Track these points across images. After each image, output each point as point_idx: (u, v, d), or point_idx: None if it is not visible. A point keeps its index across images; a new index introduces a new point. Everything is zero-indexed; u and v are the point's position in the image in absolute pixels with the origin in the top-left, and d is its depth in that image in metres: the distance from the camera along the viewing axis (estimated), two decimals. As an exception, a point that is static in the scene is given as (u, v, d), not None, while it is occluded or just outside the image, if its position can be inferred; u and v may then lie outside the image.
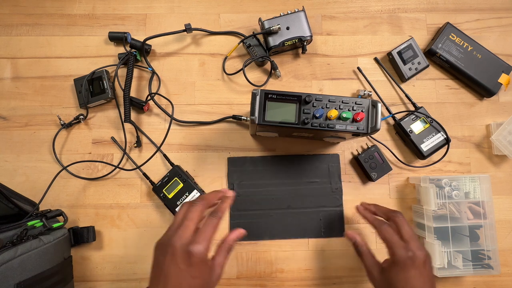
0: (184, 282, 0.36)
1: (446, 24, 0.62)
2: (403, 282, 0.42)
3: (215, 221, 0.39)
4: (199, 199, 0.41)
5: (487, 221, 0.55)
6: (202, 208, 0.41)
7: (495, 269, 0.54)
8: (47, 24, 0.63)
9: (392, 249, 0.44)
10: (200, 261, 0.37)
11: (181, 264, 0.36)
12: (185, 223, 0.38)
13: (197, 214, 0.40)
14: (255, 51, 0.61)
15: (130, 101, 0.58)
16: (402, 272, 0.42)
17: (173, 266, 0.36)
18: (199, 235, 0.38)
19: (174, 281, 0.36)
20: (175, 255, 0.36)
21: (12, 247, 0.42)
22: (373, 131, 0.45)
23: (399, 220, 0.46)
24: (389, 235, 0.45)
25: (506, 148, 0.58)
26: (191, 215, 0.39)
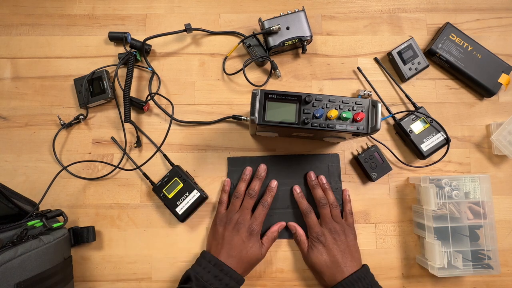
0: (244, 249, 0.53)
1: (446, 24, 0.62)
2: (316, 259, 0.54)
3: (266, 209, 0.56)
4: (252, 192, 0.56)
5: (487, 221, 0.55)
6: (255, 199, 0.56)
7: (495, 269, 0.54)
8: (47, 24, 0.63)
9: (309, 233, 0.56)
10: (256, 237, 0.54)
11: (244, 238, 0.53)
12: (245, 211, 0.55)
13: (252, 204, 0.56)
14: (255, 51, 0.61)
15: (130, 101, 0.58)
16: (313, 251, 0.54)
17: (237, 238, 0.53)
18: (255, 219, 0.55)
19: (237, 248, 0.53)
20: (240, 231, 0.53)
21: (12, 247, 0.42)
22: (373, 131, 0.45)
23: (320, 208, 0.56)
24: (308, 221, 0.56)
25: (506, 148, 0.58)
26: (249, 205, 0.56)
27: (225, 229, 0.54)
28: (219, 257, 0.52)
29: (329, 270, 0.52)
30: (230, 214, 0.55)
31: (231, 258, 0.52)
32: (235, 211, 0.55)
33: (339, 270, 0.52)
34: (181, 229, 0.59)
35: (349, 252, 0.54)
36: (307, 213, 0.56)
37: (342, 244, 0.54)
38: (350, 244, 0.55)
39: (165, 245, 0.58)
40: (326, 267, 0.53)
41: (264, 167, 0.59)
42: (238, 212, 0.55)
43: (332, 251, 0.53)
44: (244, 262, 0.52)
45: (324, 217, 0.55)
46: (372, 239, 0.59)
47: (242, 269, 0.52)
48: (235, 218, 0.54)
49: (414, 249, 0.59)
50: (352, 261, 0.53)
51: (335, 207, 0.56)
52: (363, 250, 0.58)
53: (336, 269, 0.52)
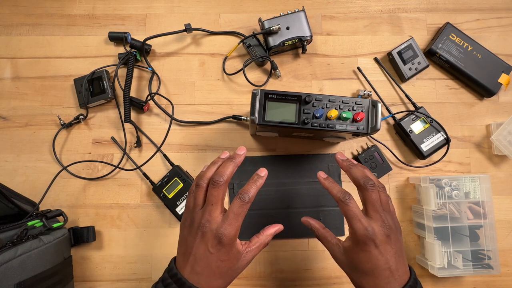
0: (213, 263, 0.38)
1: (446, 24, 0.62)
2: (365, 262, 0.39)
3: (244, 206, 0.38)
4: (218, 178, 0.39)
5: (487, 221, 0.55)
6: (224, 188, 0.39)
7: (495, 269, 0.54)
8: (47, 24, 0.63)
9: (350, 225, 0.40)
10: (229, 245, 0.38)
11: (211, 248, 0.37)
12: (210, 207, 0.38)
13: (221, 195, 0.39)
14: (255, 51, 0.61)
15: (130, 101, 0.58)
16: (363, 251, 0.39)
17: (202, 247, 0.38)
18: (229, 220, 0.38)
19: (203, 262, 0.38)
20: (205, 238, 0.38)
21: (12, 247, 0.42)
22: (373, 131, 0.45)
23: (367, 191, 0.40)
24: (349, 210, 0.40)
25: (506, 148, 0.58)
26: (216, 198, 0.39)
27: (189, 233, 0.39)
28: (183, 271, 0.38)
29: (377, 279, 0.39)
30: (194, 211, 0.40)
31: (197, 275, 0.38)
32: (198, 206, 0.40)
33: (390, 280, 0.38)
34: (181, 229, 0.59)
35: (402, 255, 0.40)
36: (345, 199, 0.40)
37: (395, 245, 0.39)
38: (402, 243, 0.41)
39: (165, 245, 0.58)
40: (373, 274, 0.39)
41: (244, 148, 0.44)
42: (202, 209, 0.39)
43: (384, 255, 0.38)
44: (217, 278, 0.39)
45: (373, 204, 0.40)
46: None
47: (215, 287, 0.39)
48: (198, 218, 0.39)
49: (414, 249, 0.59)
50: (404, 268, 0.40)
51: (383, 190, 0.42)
52: (363, 250, 0.58)
53: (386, 279, 0.38)
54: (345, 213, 0.40)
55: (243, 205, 0.38)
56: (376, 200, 0.40)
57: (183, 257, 0.39)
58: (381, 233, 0.39)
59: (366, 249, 0.38)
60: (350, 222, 0.40)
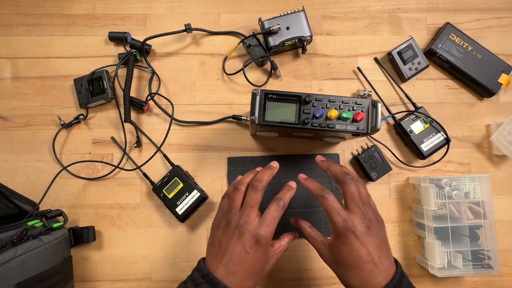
0: (248, 263, 0.38)
1: (446, 24, 0.62)
2: (347, 255, 0.39)
3: (279, 209, 0.41)
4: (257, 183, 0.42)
5: (487, 221, 0.55)
6: (261, 193, 0.42)
7: (495, 269, 0.54)
8: (47, 24, 0.63)
9: (332, 220, 0.41)
10: (266, 246, 0.39)
11: (248, 248, 0.38)
12: (249, 209, 0.40)
13: (258, 199, 0.41)
14: (255, 51, 0.61)
15: (130, 101, 0.58)
16: (344, 244, 0.39)
17: (239, 247, 0.39)
18: (265, 222, 0.39)
19: (239, 261, 0.38)
20: (243, 238, 0.39)
21: (12, 247, 0.42)
22: (373, 131, 0.45)
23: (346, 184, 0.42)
24: (328, 205, 0.41)
25: (506, 148, 0.58)
26: (254, 201, 0.41)
27: (224, 233, 0.41)
28: (216, 272, 0.38)
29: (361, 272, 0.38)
30: (230, 213, 0.41)
31: (231, 275, 0.38)
32: (236, 208, 0.41)
33: (375, 273, 0.38)
34: (181, 229, 0.59)
35: (385, 247, 0.40)
36: (324, 194, 0.41)
37: (377, 237, 0.40)
38: (384, 235, 0.41)
39: (165, 245, 0.58)
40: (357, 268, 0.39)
41: (277, 164, 0.47)
42: (240, 211, 0.41)
43: (366, 246, 0.39)
44: (249, 279, 0.39)
45: (351, 197, 0.41)
46: (372, 239, 0.59)
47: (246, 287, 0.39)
48: (235, 219, 0.40)
49: (414, 249, 0.59)
50: (389, 260, 0.40)
51: (362, 184, 0.42)
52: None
53: (370, 272, 0.38)
54: (325, 208, 0.41)
55: (279, 210, 0.41)
56: (355, 193, 0.41)
57: (216, 258, 0.40)
58: (361, 225, 0.39)
59: (347, 241, 0.39)
60: (330, 216, 0.41)
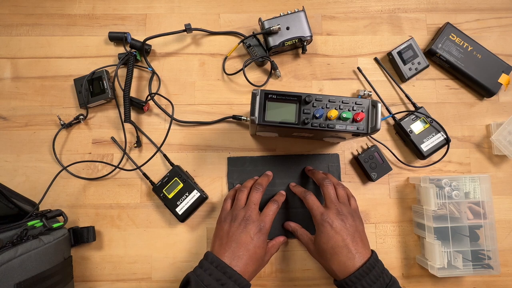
0: (252, 249, 0.47)
1: (446, 24, 0.62)
2: (325, 243, 0.47)
3: (275, 208, 0.51)
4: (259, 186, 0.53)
5: (487, 221, 0.55)
6: (262, 193, 0.52)
7: (495, 269, 0.54)
8: (47, 24, 0.63)
9: (313, 217, 0.50)
10: (266, 234, 0.49)
11: (252, 235, 0.47)
12: (253, 206, 0.50)
13: (260, 198, 0.52)
14: (255, 51, 0.61)
15: (130, 101, 0.58)
16: (322, 234, 0.47)
17: (245, 235, 0.47)
18: (265, 216, 0.50)
19: (244, 247, 0.46)
20: (248, 228, 0.48)
21: (12, 247, 0.42)
22: (373, 131, 0.45)
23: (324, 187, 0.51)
24: (309, 203, 0.50)
25: (506, 148, 0.58)
26: (256, 199, 0.51)
27: (231, 226, 0.49)
28: (223, 258, 0.46)
29: (339, 256, 0.46)
30: (236, 210, 0.50)
31: (237, 258, 0.46)
32: (241, 206, 0.51)
33: (350, 256, 0.45)
34: (181, 229, 0.59)
35: (359, 237, 0.48)
36: (305, 195, 0.51)
37: (351, 228, 0.48)
38: (359, 228, 0.49)
39: (165, 245, 0.58)
40: (335, 253, 0.46)
41: (271, 173, 0.58)
42: (245, 208, 0.50)
43: (340, 233, 0.47)
44: (252, 263, 0.47)
45: (328, 197, 0.50)
46: (372, 239, 0.59)
47: (249, 272, 0.46)
48: (241, 214, 0.49)
49: (414, 249, 0.59)
50: (363, 247, 0.47)
51: (341, 187, 0.52)
52: (363, 250, 0.58)
53: (346, 256, 0.46)
54: (307, 205, 0.51)
55: (275, 207, 0.52)
56: (331, 194, 0.50)
57: (222, 247, 0.47)
58: (336, 218, 0.48)
59: (323, 230, 0.47)
60: (311, 212, 0.50)
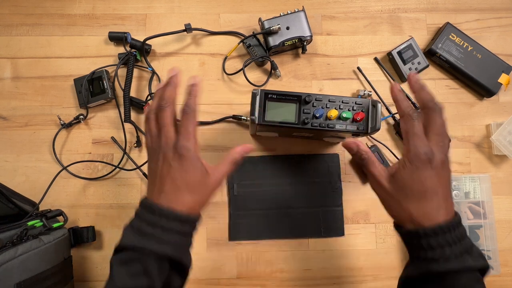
0: (178, 177, 0.37)
1: (446, 24, 0.62)
2: (417, 182, 0.37)
3: (192, 116, 0.38)
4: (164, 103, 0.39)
5: (487, 221, 0.55)
6: (172, 110, 0.39)
7: (495, 269, 0.54)
8: (47, 24, 0.63)
9: (409, 143, 0.38)
10: (191, 156, 0.37)
11: (172, 162, 0.37)
12: (165, 130, 0.38)
13: (170, 116, 0.39)
14: (255, 51, 0.61)
15: (130, 101, 0.58)
16: (417, 170, 0.37)
17: (165, 166, 0.37)
18: (182, 134, 0.38)
19: (168, 179, 0.37)
20: (166, 156, 0.37)
21: (12, 247, 0.42)
22: (373, 131, 0.45)
23: (434, 112, 0.39)
24: (412, 127, 0.38)
25: (506, 148, 0.58)
26: (167, 120, 0.39)
27: (151, 162, 0.39)
28: (152, 198, 0.37)
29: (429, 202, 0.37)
30: (151, 143, 0.40)
31: (164, 195, 0.37)
32: (155, 136, 0.39)
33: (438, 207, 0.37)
34: (181, 229, 0.58)
35: (450, 187, 0.39)
36: (414, 115, 0.39)
37: (448, 172, 0.39)
38: (450, 175, 0.39)
39: (165, 245, 0.58)
40: (425, 197, 0.37)
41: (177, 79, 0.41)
42: (158, 136, 0.39)
43: (440, 177, 0.37)
44: (187, 192, 0.37)
45: (438, 127, 0.39)
46: (372, 239, 0.59)
47: (186, 204, 0.37)
48: (156, 145, 0.39)
49: (414, 249, 0.59)
50: (452, 203, 0.38)
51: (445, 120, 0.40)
52: (363, 250, 0.58)
53: (437, 204, 0.37)
54: (408, 129, 0.39)
55: (190, 117, 0.38)
56: (442, 125, 0.39)
57: (151, 188, 0.39)
58: (439, 156, 0.37)
59: (422, 168, 0.37)
60: (411, 139, 0.38)
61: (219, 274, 0.58)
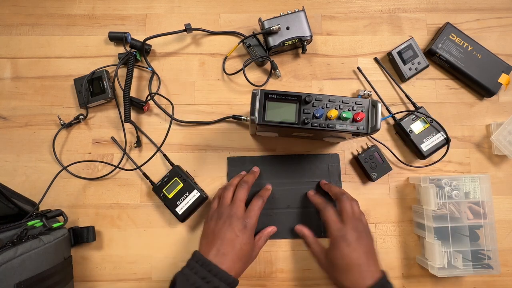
0: (237, 246, 0.46)
1: (446, 24, 0.62)
2: (340, 259, 0.47)
3: (261, 203, 0.51)
4: (244, 183, 0.52)
5: (487, 221, 0.55)
6: (248, 191, 0.52)
7: (495, 269, 0.54)
8: (47, 24, 0.63)
9: (328, 228, 0.50)
10: (251, 232, 0.48)
11: (238, 231, 0.47)
12: (238, 203, 0.49)
13: (245, 195, 0.51)
14: (255, 51, 0.61)
15: (130, 101, 0.58)
16: (337, 250, 0.47)
17: (230, 232, 0.47)
18: (250, 212, 0.49)
19: (229, 244, 0.46)
20: (233, 224, 0.47)
21: (12, 247, 0.42)
22: (373, 131, 0.45)
23: (342, 202, 0.51)
24: (327, 216, 0.50)
25: (506, 148, 0.58)
26: (242, 196, 0.51)
27: (216, 224, 0.48)
28: (209, 256, 0.45)
29: (352, 274, 0.46)
30: (222, 207, 0.50)
31: (222, 256, 0.45)
32: (227, 204, 0.50)
33: (363, 275, 0.45)
34: (181, 229, 0.59)
35: (372, 255, 0.48)
36: (325, 207, 0.51)
37: (366, 246, 0.48)
38: (372, 247, 0.49)
39: (165, 245, 0.58)
40: (348, 270, 0.46)
41: (258, 169, 0.58)
42: (230, 205, 0.50)
43: (356, 251, 0.46)
44: (239, 260, 0.46)
45: (346, 212, 0.50)
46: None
47: (236, 269, 0.46)
48: (226, 211, 0.49)
49: (414, 249, 0.59)
50: (376, 266, 0.47)
51: (355, 203, 0.52)
52: (363, 250, 0.58)
53: (359, 274, 0.45)
54: (325, 218, 0.51)
55: (260, 203, 0.51)
56: (349, 209, 0.50)
57: (208, 245, 0.46)
58: (352, 234, 0.48)
59: (340, 247, 0.47)
60: (328, 225, 0.50)
61: (219, 274, 0.57)
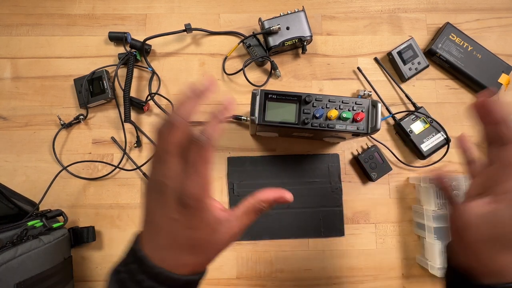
0: (181, 234, 0.27)
1: (446, 24, 0.62)
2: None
3: (204, 150, 0.27)
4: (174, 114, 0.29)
5: (487, 221, 0.55)
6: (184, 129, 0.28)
7: (495, 269, 0.54)
8: (47, 24, 0.63)
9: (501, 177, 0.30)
10: (199, 208, 0.27)
11: (173, 214, 0.27)
12: (165, 157, 0.27)
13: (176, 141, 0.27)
14: (255, 51, 0.61)
15: (130, 101, 0.58)
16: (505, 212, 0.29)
17: (164, 216, 0.27)
18: (189, 175, 0.27)
19: (167, 234, 0.28)
20: (166, 203, 0.27)
21: (12, 247, 0.42)
22: (373, 131, 0.45)
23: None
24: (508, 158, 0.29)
25: (506, 148, 0.58)
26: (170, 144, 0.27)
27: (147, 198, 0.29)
28: (144, 247, 0.28)
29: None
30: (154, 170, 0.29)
31: (161, 250, 0.28)
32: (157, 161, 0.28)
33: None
34: (181, 229, 0.58)
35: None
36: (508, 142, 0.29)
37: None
38: None
39: (165, 245, 0.58)
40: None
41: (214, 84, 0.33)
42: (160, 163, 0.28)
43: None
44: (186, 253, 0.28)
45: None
46: (372, 239, 0.59)
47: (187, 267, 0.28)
48: (153, 176, 0.28)
49: (414, 249, 0.59)
50: None
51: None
52: (363, 250, 0.58)
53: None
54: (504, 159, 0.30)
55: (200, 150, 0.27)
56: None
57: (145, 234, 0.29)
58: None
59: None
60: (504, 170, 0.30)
61: (219, 274, 0.58)
